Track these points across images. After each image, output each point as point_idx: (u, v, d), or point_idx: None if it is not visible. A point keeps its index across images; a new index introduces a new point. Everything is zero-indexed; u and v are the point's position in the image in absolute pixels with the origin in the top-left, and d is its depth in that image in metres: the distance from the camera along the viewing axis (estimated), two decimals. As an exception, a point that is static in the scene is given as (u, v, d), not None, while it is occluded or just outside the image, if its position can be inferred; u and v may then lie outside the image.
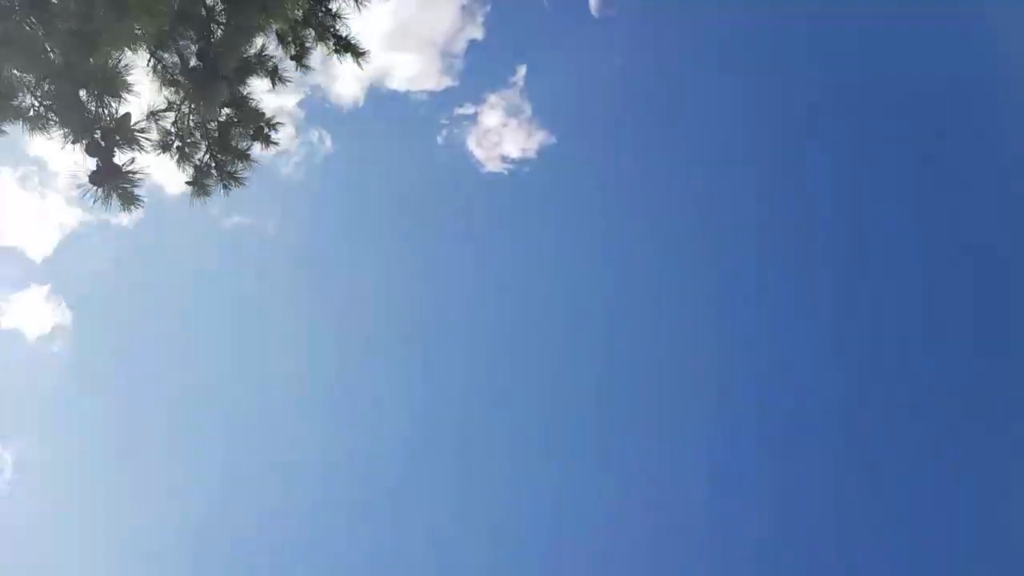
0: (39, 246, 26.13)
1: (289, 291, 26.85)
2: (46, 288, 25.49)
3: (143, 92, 8.55)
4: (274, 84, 10.50)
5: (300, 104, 26.51)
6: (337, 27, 10.67)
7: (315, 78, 26.35)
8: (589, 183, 27.18)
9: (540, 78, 27.07)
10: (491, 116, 26.96)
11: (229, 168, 10.19)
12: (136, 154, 7.99)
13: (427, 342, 26.20)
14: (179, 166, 9.98)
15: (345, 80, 26.71)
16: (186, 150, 9.95)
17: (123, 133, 7.87)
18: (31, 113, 7.74)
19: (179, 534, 24.51)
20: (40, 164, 25.50)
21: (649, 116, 27.99)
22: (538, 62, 27.07)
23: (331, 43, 10.70)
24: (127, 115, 7.89)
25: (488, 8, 26.77)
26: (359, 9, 10.36)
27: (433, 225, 27.10)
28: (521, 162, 26.84)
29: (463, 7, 26.79)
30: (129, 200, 8.07)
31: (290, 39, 10.66)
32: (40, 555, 24.09)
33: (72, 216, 25.72)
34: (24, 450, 24.69)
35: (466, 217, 27.14)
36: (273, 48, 10.46)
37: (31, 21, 7.11)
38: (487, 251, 26.94)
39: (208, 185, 10.11)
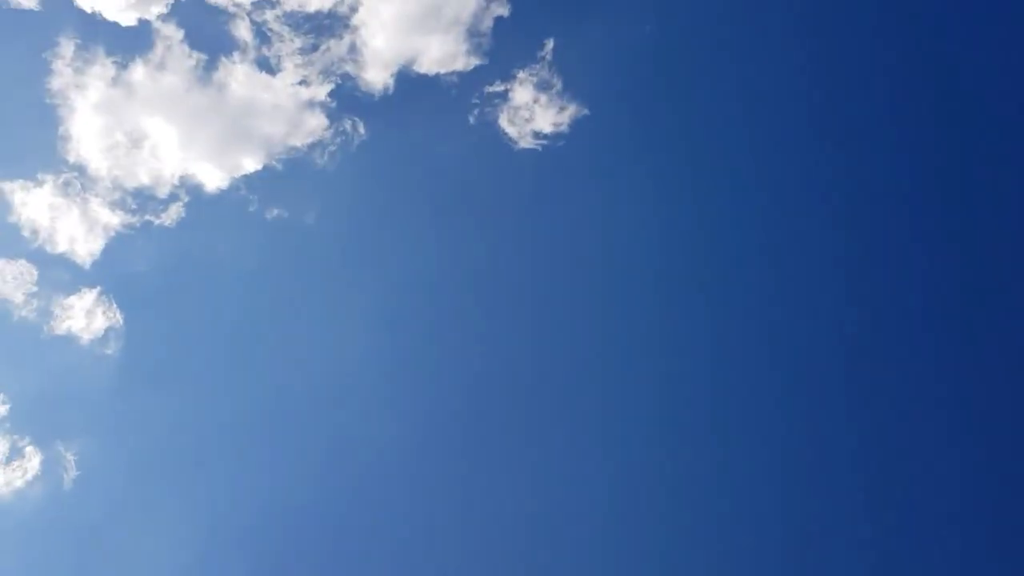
0: (86, 251, 26.65)
1: (334, 281, 27.05)
2: (96, 291, 26.04)
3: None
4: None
5: (331, 94, 26.67)
6: None
7: (344, 67, 26.52)
8: (625, 154, 26.75)
9: (569, 50, 26.64)
10: (521, 93, 26.66)
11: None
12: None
13: (477, 324, 26.13)
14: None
15: (374, 67, 26.69)
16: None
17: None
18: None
19: (233, 531, 25.08)
20: (80, 170, 26.03)
21: (682, 82, 27.41)
22: (566, 34, 26.64)
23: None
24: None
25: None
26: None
27: (470, 206, 26.96)
28: (555, 136, 26.51)
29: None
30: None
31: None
32: (103, 551, 24.95)
33: (116, 218, 26.20)
34: (86, 450, 25.38)
35: (503, 196, 26.94)
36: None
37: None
38: (525, 229, 26.74)
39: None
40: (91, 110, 25.95)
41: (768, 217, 26.33)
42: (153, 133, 26.30)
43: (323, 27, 26.58)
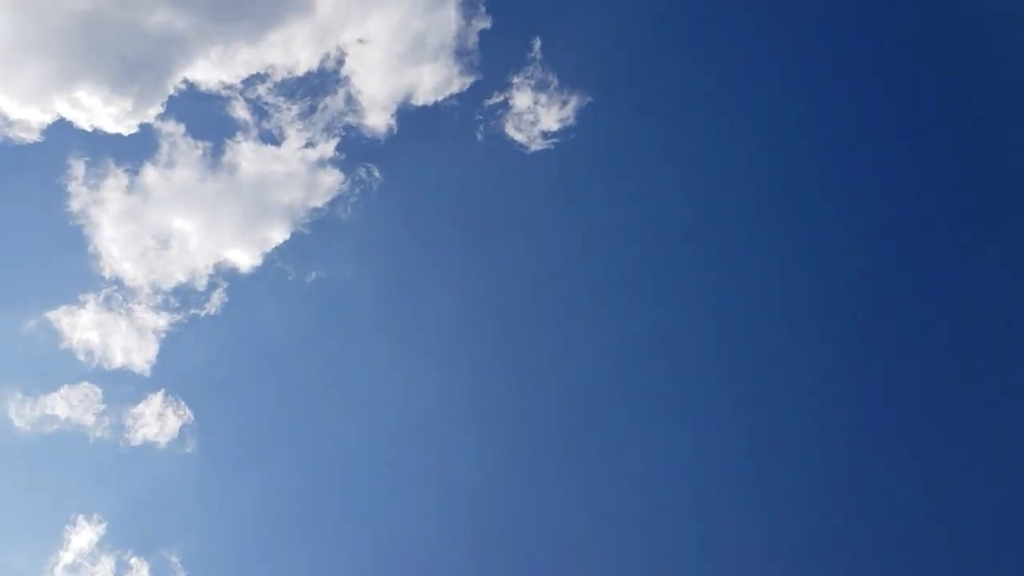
0: (142, 358, 26.91)
1: (387, 327, 27.13)
2: (160, 394, 26.22)
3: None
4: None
5: (338, 148, 26.91)
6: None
7: (344, 119, 26.73)
8: (639, 130, 26.82)
9: (557, 45, 26.79)
10: (521, 98, 26.77)
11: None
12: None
13: (542, 336, 26.14)
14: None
15: (373, 111, 26.91)
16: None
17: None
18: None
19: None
20: (118, 283, 26.35)
21: (672, 55, 27.50)
22: (551, 30, 26.82)
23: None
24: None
25: (481, 4, 26.60)
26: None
27: (501, 220, 27.09)
28: (564, 132, 26.57)
29: (461, 3, 26.64)
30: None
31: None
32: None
33: (162, 320, 26.45)
34: (189, 549, 25.38)
35: (530, 202, 27.07)
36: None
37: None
38: (561, 230, 26.77)
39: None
40: (114, 222, 26.40)
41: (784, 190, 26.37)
42: (178, 230, 26.66)
43: (315, 87, 26.94)
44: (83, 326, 26.18)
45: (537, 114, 26.70)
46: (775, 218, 26.17)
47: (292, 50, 26.48)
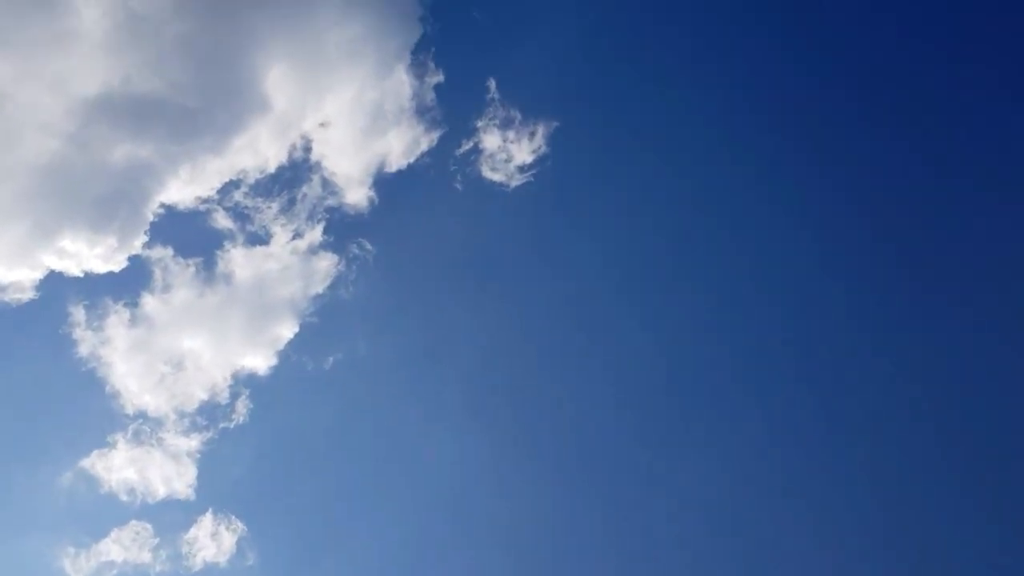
0: (182, 483, 26.83)
1: (414, 397, 27.06)
2: (209, 514, 26.08)
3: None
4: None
5: (326, 232, 27.05)
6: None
7: (325, 202, 26.88)
8: (615, 141, 26.97)
9: (512, 80, 27.02)
10: (489, 139, 26.91)
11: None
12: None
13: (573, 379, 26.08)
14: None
15: (351, 188, 27.09)
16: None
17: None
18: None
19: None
20: (142, 416, 26.35)
21: (629, 65, 27.82)
22: (502, 67, 27.09)
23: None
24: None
25: (432, 50, 26.87)
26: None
27: (501, 263, 27.16)
28: (540, 161, 26.71)
29: (410, 64, 26.88)
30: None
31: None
32: None
33: (194, 442, 26.39)
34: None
35: (525, 239, 27.14)
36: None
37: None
38: (557, 256, 26.83)
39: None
40: (125, 357, 26.45)
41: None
42: (189, 349, 26.71)
43: (290, 179, 27.15)
44: (118, 466, 26.16)
45: (509, 151, 26.88)
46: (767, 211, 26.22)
47: (259, 150, 26.75)
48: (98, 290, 26.47)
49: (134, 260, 26.56)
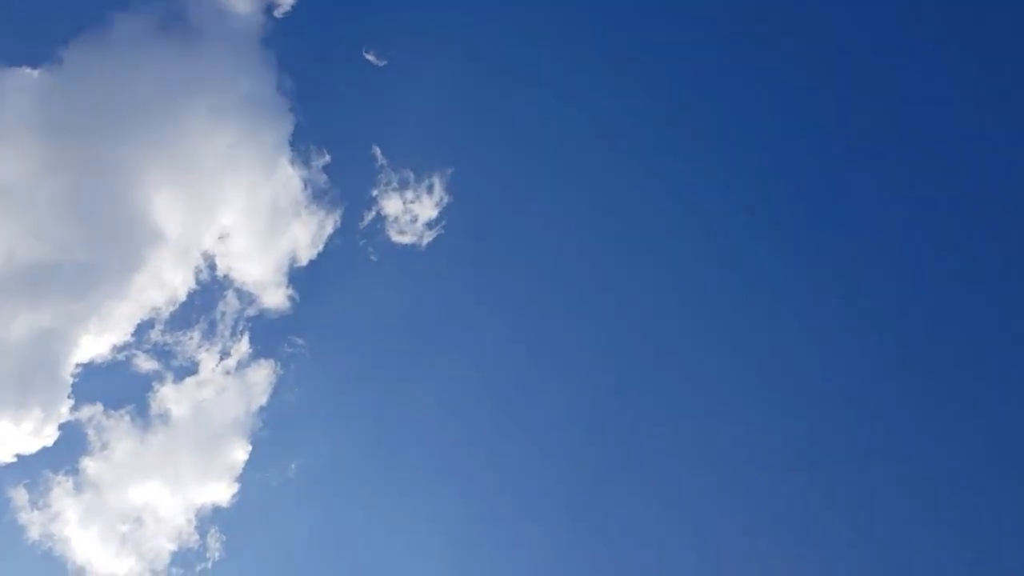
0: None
1: (386, 486, 26.20)
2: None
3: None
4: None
5: (252, 341, 26.32)
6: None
7: (246, 312, 26.11)
8: (519, 169, 26.96)
9: (395, 140, 26.88)
10: (389, 204, 26.57)
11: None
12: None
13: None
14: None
15: (267, 291, 26.47)
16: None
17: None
18: None
19: None
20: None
21: (507, 98, 28.00)
22: (382, 132, 27.01)
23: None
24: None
25: (310, 135, 26.76)
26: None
27: (433, 324, 26.71)
28: (445, 211, 26.44)
29: (292, 155, 26.64)
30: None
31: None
32: None
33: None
34: None
35: (447, 294, 26.83)
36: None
37: None
38: (491, 300, 26.40)
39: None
40: (80, 528, 25.03)
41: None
42: (144, 503, 25.40)
43: (203, 303, 26.38)
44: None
45: (412, 211, 26.54)
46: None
47: (165, 282, 25.97)
48: (35, 467, 25.18)
49: (65, 427, 25.35)
